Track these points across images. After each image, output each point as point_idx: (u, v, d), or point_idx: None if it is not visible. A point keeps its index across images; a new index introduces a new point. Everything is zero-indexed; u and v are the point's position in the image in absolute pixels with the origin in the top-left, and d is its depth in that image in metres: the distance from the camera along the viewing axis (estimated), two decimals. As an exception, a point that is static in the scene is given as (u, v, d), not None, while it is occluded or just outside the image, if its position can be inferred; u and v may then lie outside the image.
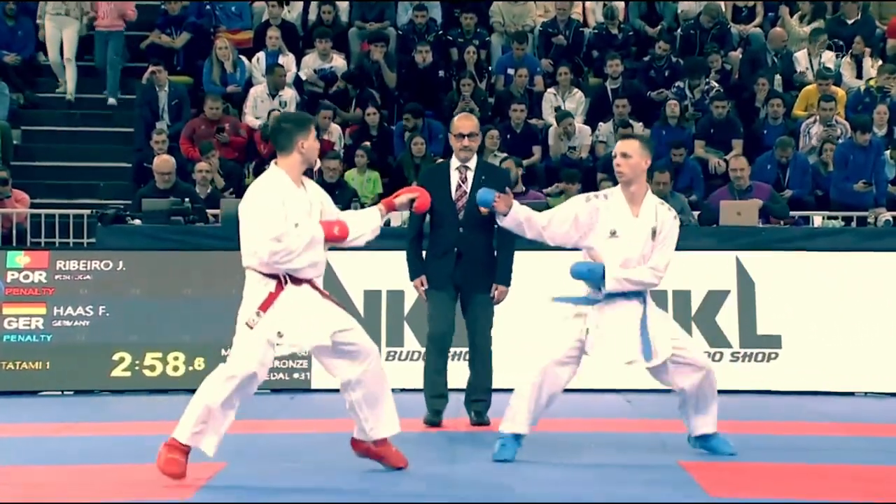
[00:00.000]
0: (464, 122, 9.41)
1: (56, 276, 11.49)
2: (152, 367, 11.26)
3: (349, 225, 7.14)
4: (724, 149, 15.39)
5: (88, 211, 13.82)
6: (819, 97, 15.62)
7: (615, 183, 7.82)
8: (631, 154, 7.61)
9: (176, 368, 11.37)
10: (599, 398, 10.84)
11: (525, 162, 14.74)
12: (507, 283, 9.32)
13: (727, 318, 11.49)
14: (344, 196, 13.18)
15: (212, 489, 6.85)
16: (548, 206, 13.35)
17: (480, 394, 9.37)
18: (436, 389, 9.36)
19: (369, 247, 11.57)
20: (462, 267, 9.23)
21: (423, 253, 9.38)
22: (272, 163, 7.19)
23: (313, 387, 11.32)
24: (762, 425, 9.50)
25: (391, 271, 11.64)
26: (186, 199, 12.74)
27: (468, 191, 9.17)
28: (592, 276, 7.52)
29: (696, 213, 13.29)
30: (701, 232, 12.50)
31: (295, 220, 6.91)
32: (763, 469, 7.44)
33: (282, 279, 6.94)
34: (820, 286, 11.51)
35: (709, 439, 7.87)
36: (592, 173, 14.88)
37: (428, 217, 9.20)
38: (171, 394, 11.19)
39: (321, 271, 7.10)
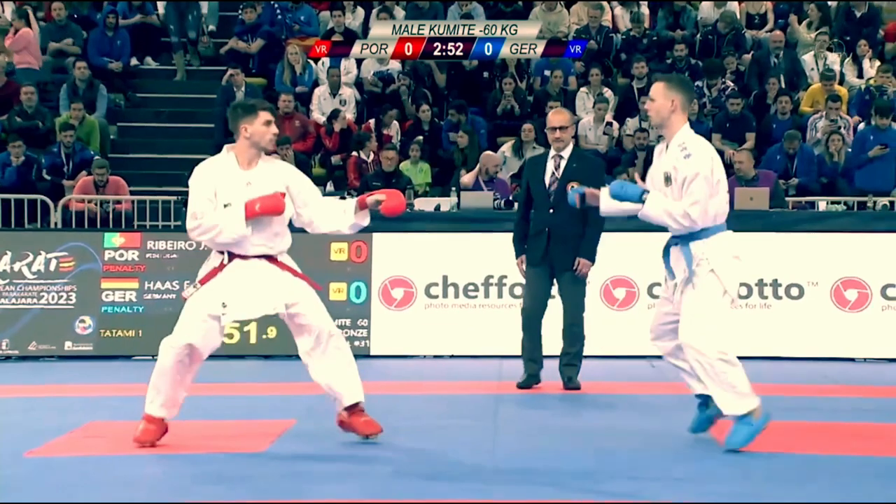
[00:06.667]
0: (555, 117, 9.23)
1: (147, 255, 11.60)
2: (230, 335, 11.30)
3: (307, 202, 6.77)
4: (738, 141, 15.29)
5: (175, 197, 13.91)
6: (826, 97, 15.48)
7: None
8: None
9: (251, 336, 11.47)
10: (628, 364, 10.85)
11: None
12: (591, 258, 9.11)
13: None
14: (399, 183, 13.24)
15: (283, 443, 6.89)
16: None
17: (572, 360, 9.29)
18: (528, 355, 9.27)
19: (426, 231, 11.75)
20: (553, 245, 9.05)
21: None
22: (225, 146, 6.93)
23: (372, 353, 11.38)
24: (772, 388, 9.46)
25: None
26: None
27: (559, 177, 9.02)
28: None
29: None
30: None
31: (226, 201, 6.64)
32: (777, 427, 7.42)
33: (225, 254, 6.76)
34: (825, 264, 11.44)
35: None
36: (617, 164, 14.83)
37: None
38: (248, 359, 11.31)
39: (264, 248, 6.71)
